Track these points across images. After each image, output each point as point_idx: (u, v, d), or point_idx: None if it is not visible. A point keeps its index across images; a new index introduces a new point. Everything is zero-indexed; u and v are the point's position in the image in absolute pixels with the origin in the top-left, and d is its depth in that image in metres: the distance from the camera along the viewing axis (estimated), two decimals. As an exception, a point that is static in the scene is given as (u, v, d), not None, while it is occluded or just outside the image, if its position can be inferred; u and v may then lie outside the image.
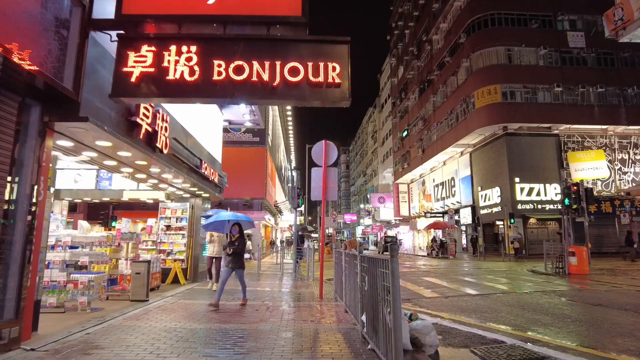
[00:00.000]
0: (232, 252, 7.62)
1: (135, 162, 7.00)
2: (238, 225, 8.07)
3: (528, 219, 28.65)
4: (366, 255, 4.66)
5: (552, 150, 29.56)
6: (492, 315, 6.89)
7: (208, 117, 11.41)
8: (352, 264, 5.82)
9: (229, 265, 7.64)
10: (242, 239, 7.89)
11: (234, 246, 7.67)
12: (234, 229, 7.97)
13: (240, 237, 7.89)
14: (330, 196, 8.99)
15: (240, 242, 7.79)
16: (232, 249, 7.63)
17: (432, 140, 38.30)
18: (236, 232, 7.93)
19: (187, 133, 9.09)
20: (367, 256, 4.61)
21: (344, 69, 4.74)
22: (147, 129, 6.38)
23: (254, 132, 29.09)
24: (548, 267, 16.03)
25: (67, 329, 5.21)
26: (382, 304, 3.85)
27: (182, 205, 11.50)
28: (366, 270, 4.67)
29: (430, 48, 39.75)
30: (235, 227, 8.00)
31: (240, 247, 7.73)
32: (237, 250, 7.67)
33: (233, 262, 7.65)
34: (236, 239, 7.82)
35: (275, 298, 8.70)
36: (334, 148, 9.21)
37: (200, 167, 9.66)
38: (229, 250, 7.63)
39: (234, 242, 7.74)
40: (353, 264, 5.65)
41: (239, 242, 7.77)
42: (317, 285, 11.13)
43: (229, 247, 7.68)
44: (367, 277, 4.57)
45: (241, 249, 7.77)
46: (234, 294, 9.26)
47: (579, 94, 29.19)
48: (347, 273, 6.42)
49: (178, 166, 8.28)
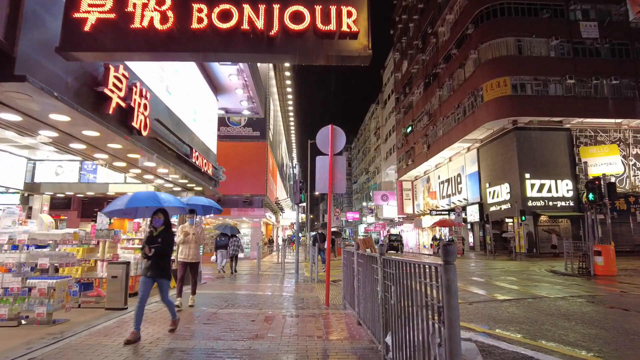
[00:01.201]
0: (152, 254, 5.13)
1: (108, 146, 5.91)
2: (162, 212, 5.41)
3: (539, 216, 27.53)
4: (395, 259, 3.55)
5: (563, 145, 28.43)
6: (535, 328, 5.77)
7: (201, 103, 10.31)
8: (368, 268, 4.72)
9: (147, 273, 5.16)
10: (167, 233, 5.37)
11: (156, 244, 5.17)
12: (156, 219, 5.32)
13: (165, 230, 5.35)
14: (337, 188, 7.88)
15: (165, 239, 5.29)
16: (154, 248, 5.13)
17: (437, 136, 37.14)
18: (159, 222, 5.32)
19: (174, 117, 7.98)
20: (396, 260, 3.50)
21: (361, 14, 3.63)
22: (120, 104, 5.28)
23: (254, 126, 27.96)
24: (569, 267, 14.90)
25: (7, 352, 4.12)
26: (421, 324, 2.75)
27: (172, 199, 10.41)
28: (393, 279, 3.57)
29: (435, 41, 38.57)
30: (158, 215, 5.35)
31: (164, 246, 5.24)
32: (161, 251, 5.21)
33: (153, 269, 5.16)
34: (159, 233, 5.29)
35: (275, 305, 7.61)
36: (341, 134, 8.10)
37: (190, 156, 8.55)
38: (148, 250, 5.13)
39: (156, 239, 5.22)
40: (371, 268, 4.54)
41: (164, 238, 5.27)
42: (321, 288, 10.03)
43: (147, 245, 5.16)
44: (395, 288, 3.47)
45: (164, 249, 5.26)
46: (229, 299, 8.16)
47: (592, 87, 27.99)
48: (361, 278, 5.31)
49: (163, 153, 7.18)
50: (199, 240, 7.61)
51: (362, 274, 5.26)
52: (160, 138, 6.87)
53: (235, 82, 10.77)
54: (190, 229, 7.54)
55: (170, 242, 5.43)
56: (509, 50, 28.73)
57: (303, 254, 26.25)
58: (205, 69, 10.05)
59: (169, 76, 7.78)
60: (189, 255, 7.55)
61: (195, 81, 9.74)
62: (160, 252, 5.21)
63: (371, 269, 4.55)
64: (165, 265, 5.34)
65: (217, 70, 10.15)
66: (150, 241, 5.22)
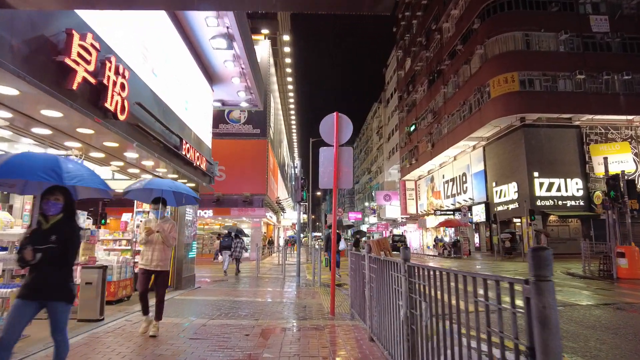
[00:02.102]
0: (37, 260, 3.05)
1: (78, 132, 5.06)
2: (61, 192, 3.31)
3: (548, 216, 26.66)
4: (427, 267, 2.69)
5: (573, 143, 27.54)
6: (581, 346, 4.90)
7: (194, 92, 9.47)
8: (386, 276, 3.86)
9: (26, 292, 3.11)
10: (67, 226, 3.27)
11: (48, 244, 3.09)
12: (50, 202, 3.23)
13: (63, 222, 3.28)
14: (343, 182, 7.03)
15: (63, 235, 3.19)
16: (41, 251, 3.06)
17: (442, 134, 36.26)
18: (55, 208, 3.25)
19: (161, 103, 7.14)
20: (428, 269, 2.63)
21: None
22: (88, 80, 4.43)
23: (255, 123, 27.14)
24: (587, 270, 14.02)
25: None
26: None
27: (162, 197, 9.57)
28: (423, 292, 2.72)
29: (440, 37, 37.69)
30: (54, 196, 3.26)
31: (61, 247, 3.14)
32: (54, 255, 3.12)
33: (38, 285, 3.11)
34: (53, 225, 3.23)
35: (273, 314, 6.76)
36: (348, 122, 7.24)
37: (180, 148, 7.71)
38: (31, 254, 3.02)
39: (47, 235, 3.15)
40: (389, 276, 3.69)
41: (61, 234, 3.18)
42: (325, 293, 9.19)
43: (29, 246, 3.04)
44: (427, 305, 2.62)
45: (62, 251, 3.16)
46: (222, 307, 7.31)
47: (602, 82, 27.09)
48: (375, 287, 4.46)
49: (148, 143, 6.34)
50: (167, 240, 5.43)
51: (376, 281, 4.41)
52: (143, 125, 6.02)
53: (232, 70, 9.93)
54: (155, 224, 5.45)
55: (73, 240, 3.26)
56: (516, 45, 27.86)
57: (305, 255, 25.40)
58: (197, 53, 9.21)
59: (156, 57, 6.94)
60: (152, 261, 5.37)
61: (187, 67, 8.90)
62: (54, 258, 3.09)
63: (390, 278, 3.70)
64: (62, 279, 3.17)
65: (211, 56, 9.31)
66: (36, 239, 3.11)
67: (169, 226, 5.56)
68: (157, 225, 5.46)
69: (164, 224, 5.51)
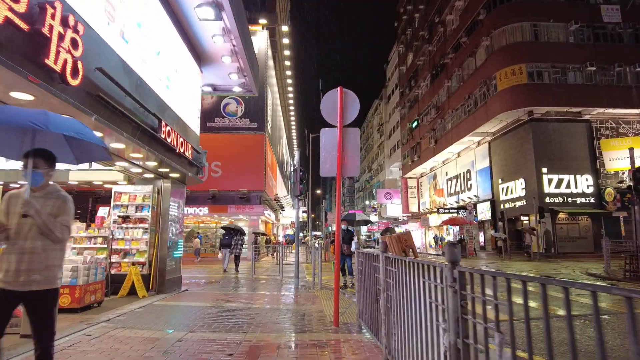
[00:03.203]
0: None
1: (11, 96, 3.99)
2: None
3: (557, 213, 25.58)
4: (495, 273, 1.63)
5: (582, 138, 26.48)
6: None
7: (179, 70, 8.40)
8: (414, 285, 2.80)
9: None
10: None
11: None
12: None
13: None
14: (349, 169, 5.95)
15: None
16: None
17: (446, 130, 35.19)
18: None
19: (133, 75, 6.06)
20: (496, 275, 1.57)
21: None
22: (15, 22, 3.36)
23: (252, 117, 26.07)
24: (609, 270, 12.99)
25: None
26: None
27: (143, 189, 8.48)
28: (486, 318, 1.66)
29: (443, 30, 36.60)
30: None
31: None
32: None
33: None
34: None
35: (266, 325, 5.69)
36: (354, 99, 6.16)
37: (158, 130, 6.63)
38: None
39: None
40: (421, 285, 2.63)
41: None
42: (326, 297, 8.14)
43: None
44: (502, 339, 1.56)
45: None
46: (207, 316, 6.26)
47: (614, 74, 26.02)
48: (395, 297, 3.39)
49: (113, 119, 5.27)
50: (50, 230, 2.73)
51: (395, 290, 3.35)
52: (106, 97, 4.96)
53: (221, 46, 8.84)
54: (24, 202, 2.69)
55: None
56: (524, 36, 26.80)
57: (304, 254, 24.35)
58: (182, 24, 8.13)
59: (126, 20, 5.85)
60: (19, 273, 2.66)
61: (170, 40, 7.81)
62: None
63: (420, 287, 2.64)
64: None
65: (198, 28, 8.23)
66: None
67: (55, 205, 2.84)
68: (27, 202, 2.68)
69: (46, 200, 2.81)
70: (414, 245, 3.56)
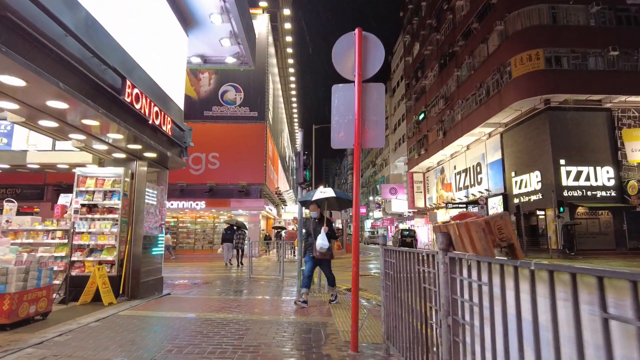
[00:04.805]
0: None
1: None
2: None
3: (576, 207, 24.01)
4: None
5: (603, 128, 24.89)
6: None
7: (156, 27, 6.88)
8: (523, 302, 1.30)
9: None
10: None
11: None
12: None
13: None
14: (371, 139, 4.43)
15: None
16: None
17: (455, 121, 33.57)
18: None
19: (81, 11, 4.54)
20: None
21: None
22: None
23: (252, 106, 24.53)
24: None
25: None
26: None
27: (113, 171, 6.98)
28: None
29: (452, 17, 34.92)
30: None
31: None
32: None
33: None
34: None
35: (257, 349, 4.20)
36: (377, 45, 4.65)
37: (121, 92, 5.12)
38: None
39: None
40: (534, 305, 1.12)
41: None
42: (336, 305, 6.64)
43: None
44: None
45: None
46: (182, 333, 4.77)
47: (638, 60, 24.36)
48: (479, 327, 1.88)
49: (37, 60, 3.75)
50: None
51: (478, 315, 1.84)
52: (22, 21, 3.45)
53: (208, 2, 7.33)
54: None
55: None
56: (541, 19, 25.13)
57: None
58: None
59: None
60: None
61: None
62: None
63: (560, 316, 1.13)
64: None
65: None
66: None
67: None
68: None
69: None
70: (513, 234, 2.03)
